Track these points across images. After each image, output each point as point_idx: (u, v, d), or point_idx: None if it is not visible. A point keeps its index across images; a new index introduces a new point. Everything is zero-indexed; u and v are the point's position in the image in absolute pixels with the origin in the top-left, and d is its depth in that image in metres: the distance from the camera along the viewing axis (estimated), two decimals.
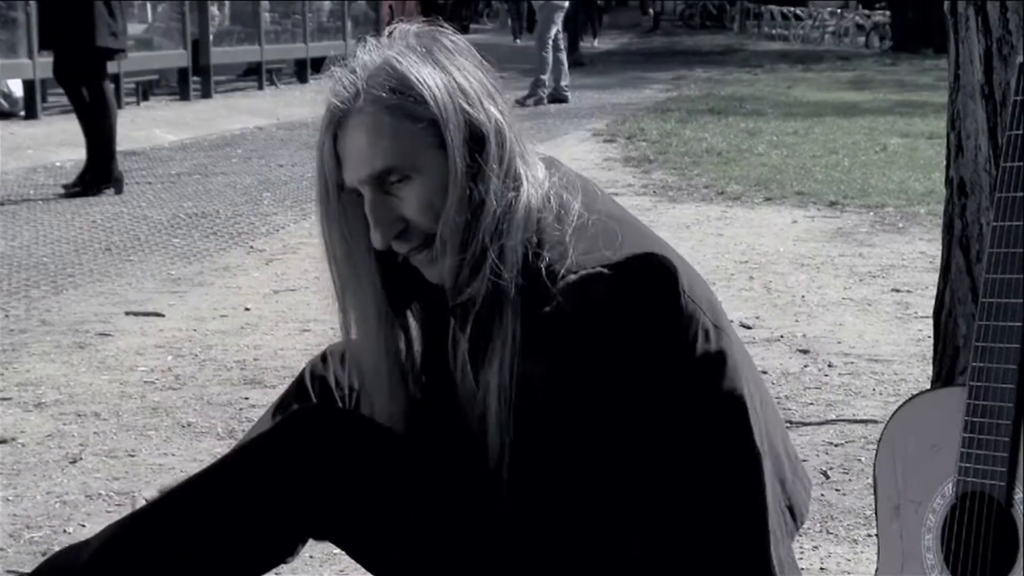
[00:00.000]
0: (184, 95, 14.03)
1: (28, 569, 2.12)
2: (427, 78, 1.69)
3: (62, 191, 7.96)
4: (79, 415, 3.80)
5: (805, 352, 4.43)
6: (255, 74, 16.11)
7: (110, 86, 8.23)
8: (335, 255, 1.78)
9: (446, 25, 1.78)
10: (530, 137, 1.80)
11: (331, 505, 1.72)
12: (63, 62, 7.98)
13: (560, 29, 13.93)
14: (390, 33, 1.76)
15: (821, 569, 2.78)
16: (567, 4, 13.79)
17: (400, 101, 1.68)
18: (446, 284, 1.75)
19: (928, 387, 2.09)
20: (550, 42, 13.73)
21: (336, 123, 1.73)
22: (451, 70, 1.71)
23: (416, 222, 1.71)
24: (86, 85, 8.04)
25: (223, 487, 1.76)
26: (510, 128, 1.74)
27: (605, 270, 1.63)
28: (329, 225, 1.77)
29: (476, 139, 1.70)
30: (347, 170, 1.73)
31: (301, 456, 1.72)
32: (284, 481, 1.72)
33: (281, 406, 2.04)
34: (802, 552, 2.81)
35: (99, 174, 7.99)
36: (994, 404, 1.63)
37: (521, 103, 13.10)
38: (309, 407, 1.90)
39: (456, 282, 1.72)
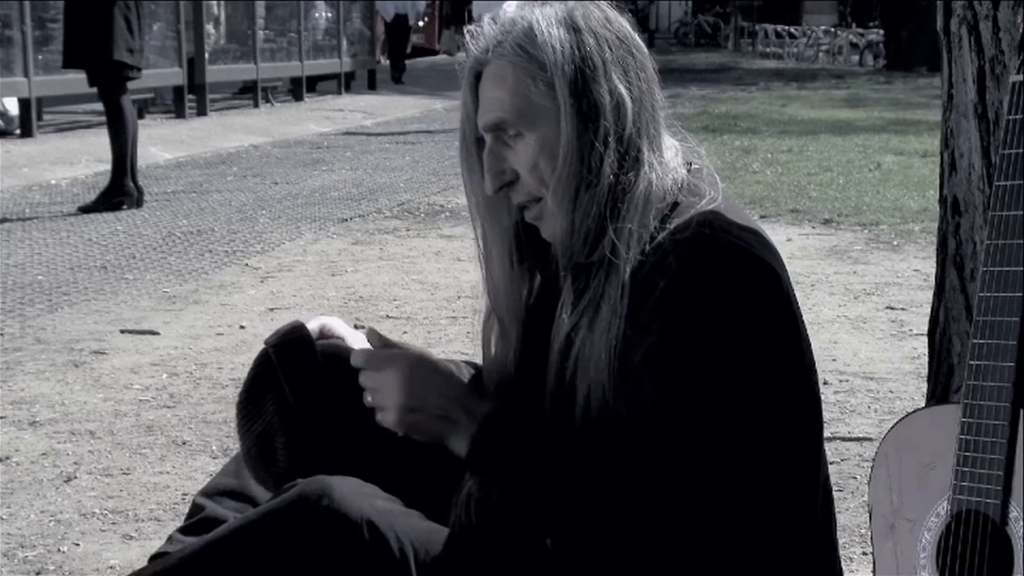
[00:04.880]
0: (179, 113, 14.05)
1: None
2: (556, 43, 1.71)
3: (88, 205, 8.07)
4: (73, 433, 3.79)
5: None
6: (250, 92, 16.15)
7: (129, 102, 8.27)
8: (474, 196, 1.82)
9: None
10: (669, 124, 1.80)
11: None
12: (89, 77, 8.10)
13: None
14: None
15: None
16: None
17: (525, 60, 1.72)
18: (556, 246, 1.77)
19: (923, 405, 2.09)
20: None
21: (475, 71, 1.77)
22: (586, 40, 1.72)
23: (523, 178, 1.75)
24: (103, 99, 8.10)
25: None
26: (639, 109, 1.73)
27: (717, 240, 1.63)
28: (468, 168, 1.81)
29: (592, 112, 1.70)
30: (478, 117, 1.78)
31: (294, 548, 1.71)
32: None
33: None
34: None
35: (113, 188, 8.08)
36: (988, 422, 1.63)
37: None
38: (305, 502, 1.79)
39: (569, 248, 1.74)
